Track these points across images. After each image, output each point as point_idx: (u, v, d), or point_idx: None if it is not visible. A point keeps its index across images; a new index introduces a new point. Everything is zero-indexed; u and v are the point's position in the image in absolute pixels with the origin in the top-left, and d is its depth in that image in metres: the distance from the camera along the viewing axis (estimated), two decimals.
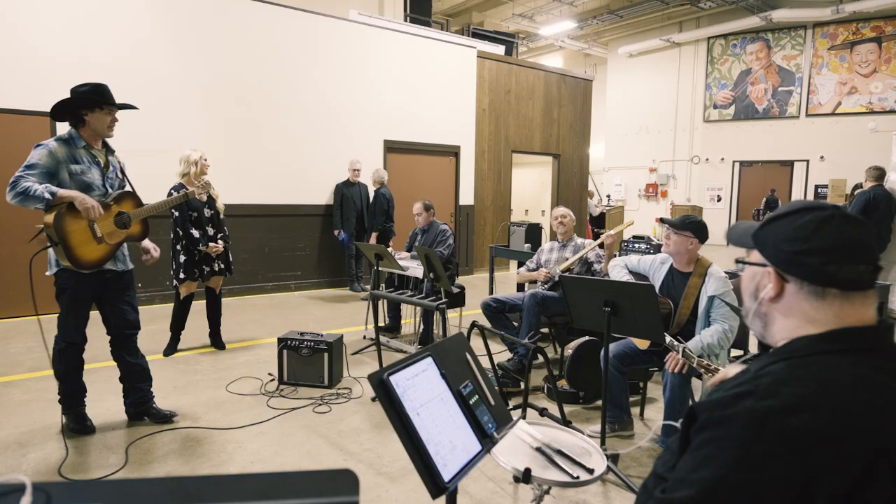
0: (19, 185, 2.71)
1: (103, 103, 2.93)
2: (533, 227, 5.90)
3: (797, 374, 0.87)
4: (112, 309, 3.14)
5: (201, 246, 4.45)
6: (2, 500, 0.68)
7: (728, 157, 15.04)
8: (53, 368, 3.07)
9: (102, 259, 2.96)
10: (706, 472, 0.83)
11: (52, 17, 5.76)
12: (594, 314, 2.81)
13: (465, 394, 1.49)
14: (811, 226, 0.94)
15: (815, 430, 0.79)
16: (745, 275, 1.06)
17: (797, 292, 0.95)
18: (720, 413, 0.86)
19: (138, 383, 3.28)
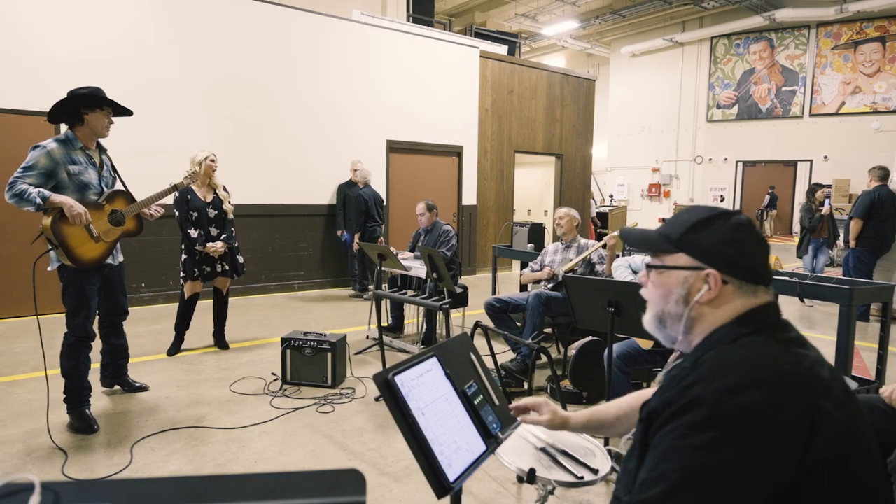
0: (15, 188, 2.84)
1: (103, 104, 3.07)
2: (536, 228, 5.90)
3: (730, 357, 0.94)
4: (107, 297, 3.35)
5: (198, 246, 4.41)
6: (11, 499, 0.68)
7: (731, 157, 15.01)
8: (61, 364, 3.14)
9: (102, 257, 3.12)
10: (670, 464, 0.86)
11: (55, 19, 5.78)
12: (598, 314, 2.81)
13: (470, 394, 1.49)
14: (742, 230, 1.02)
15: (760, 403, 0.85)
16: (664, 281, 1.07)
17: (734, 292, 1.01)
18: (672, 409, 0.90)
19: (118, 360, 3.60)
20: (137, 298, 6.38)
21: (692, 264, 1.04)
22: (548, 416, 1.43)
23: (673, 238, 1.06)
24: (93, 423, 3.16)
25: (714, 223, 1.04)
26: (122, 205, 3.22)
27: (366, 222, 7.06)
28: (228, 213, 4.52)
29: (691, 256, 1.04)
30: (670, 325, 1.07)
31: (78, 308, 3.09)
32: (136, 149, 6.13)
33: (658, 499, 0.85)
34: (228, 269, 4.59)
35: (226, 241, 4.48)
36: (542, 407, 1.45)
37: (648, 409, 0.97)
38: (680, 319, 1.05)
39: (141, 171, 5.90)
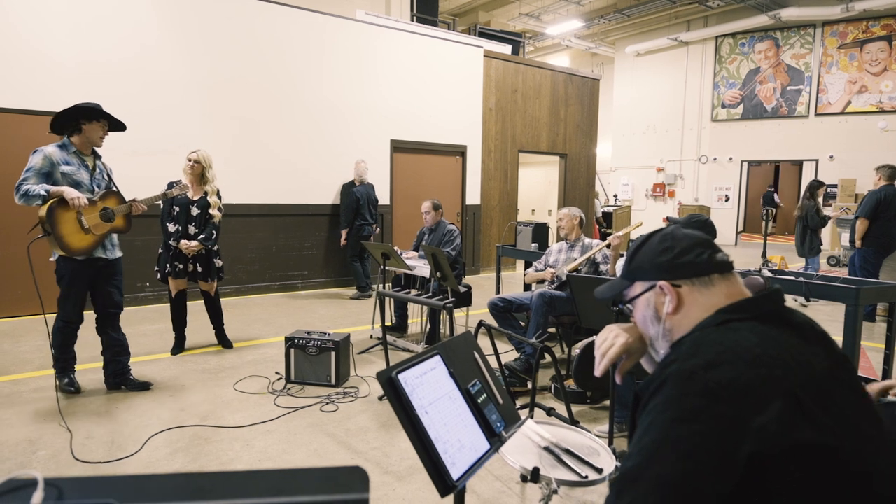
0: (21, 189, 3.27)
1: (100, 117, 3.49)
2: (540, 227, 5.89)
3: (710, 338, 0.97)
4: (101, 291, 3.65)
5: (172, 241, 4.36)
6: (14, 494, 0.68)
7: (736, 156, 14.95)
8: (52, 340, 3.56)
9: (90, 247, 3.46)
10: (648, 437, 0.90)
11: (59, 20, 5.80)
12: (602, 314, 2.80)
13: (474, 392, 1.49)
14: (668, 237, 1.12)
15: (735, 380, 0.88)
16: (638, 310, 1.16)
17: (690, 291, 1.08)
18: (654, 386, 0.95)
19: (117, 356, 3.77)
20: (142, 298, 6.40)
21: (645, 286, 1.13)
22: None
23: (624, 274, 1.19)
24: (76, 387, 3.64)
25: (645, 244, 1.16)
26: (113, 204, 3.57)
27: (355, 220, 7.06)
28: (214, 216, 4.40)
29: (642, 280, 1.14)
30: (659, 345, 1.14)
31: (67, 295, 3.49)
32: (141, 148, 6.16)
33: (636, 470, 0.88)
34: (201, 271, 4.45)
35: (201, 242, 4.34)
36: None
37: (635, 392, 1.02)
38: (660, 337, 1.12)
39: (145, 171, 5.93)
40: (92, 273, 3.54)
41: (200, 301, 4.75)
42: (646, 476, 0.87)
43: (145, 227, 6.33)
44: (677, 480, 0.85)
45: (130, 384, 3.77)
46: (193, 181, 4.41)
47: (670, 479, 0.85)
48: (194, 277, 4.50)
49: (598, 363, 1.28)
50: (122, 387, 3.77)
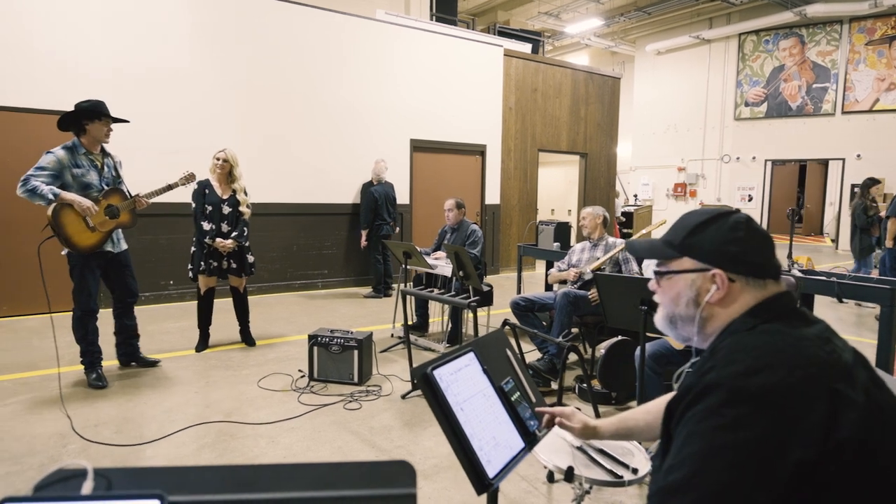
0: (29, 184, 3.36)
1: (101, 115, 3.59)
2: (562, 226, 5.84)
3: (746, 343, 0.95)
4: (117, 281, 3.87)
5: (207, 239, 4.44)
6: (65, 484, 0.68)
7: (760, 155, 14.69)
8: (74, 333, 3.74)
9: (97, 244, 3.63)
10: (691, 448, 0.87)
11: (87, 22, 5.90)
12: (629, 313, 2.76)
13: (507, 390, 1.47)
14: (742, 226, 1.05)
15: (776, 385, 0.86)
16: (674, 285, 1.11)
17: (742, 288, 1.04)
18: (691, 395, 0.92)
19: (130, 339, 4.07)
20: (165, 296, 6.48)
21: (697, 266, 1.07)
22: (578, 425, 1.43)
23: (675, 243, 1.11)
24: (104, 382, 3.75)
25: (713, 224, 1.08)
26: (117, 200, 3.70)
27: (374, 220, 7.09)
28: (244, 213, 4.51)
29: (695, 259, 1.08)
30: (681, 326, 1.11)
31: (81, 287, 3.66)
32: (167, 148, 6.23)
33: (680, 482, 0.86)
34: (236, 266, 4.56)
35: (235, 239, 4.46)
36: (572, 416, 1.44)
37: (669, 401, 0.99)
38: (692, 321, 1.09)
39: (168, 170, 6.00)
40: (102, 264, 3.74)
41: (224, 299, 4.80)
42: (692, 487, 0.85)
43: (168, 226, 6.41)
44: (726, 490, 0.83)
45: (140, 361, 4.14)
46: (222, 180, 4.50)
47: (718, 489, 0.83)
48: (226, 274, 4.57)
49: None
50: (133, 363, 4.13)
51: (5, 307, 5.70)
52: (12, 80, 5.58)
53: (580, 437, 1.46)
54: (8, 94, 5.57)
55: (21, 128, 5.67)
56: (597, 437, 1.44)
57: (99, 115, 3.57)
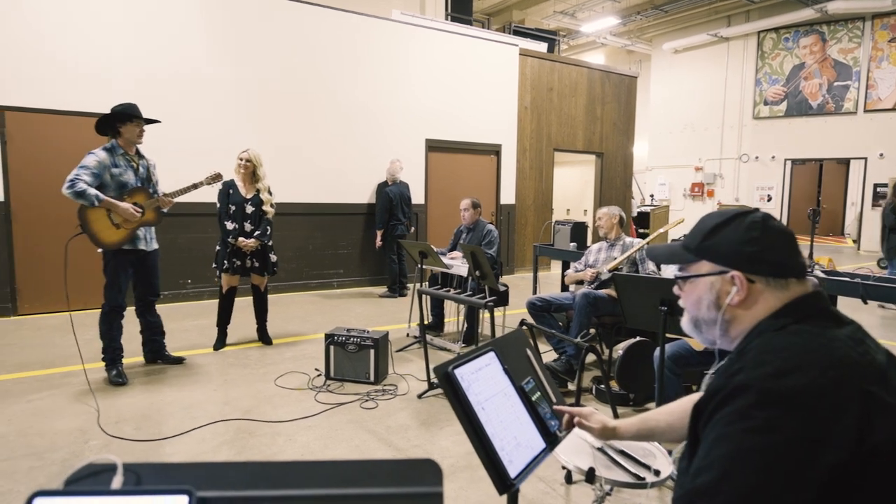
0: (77, 186, 3.50)
1: (133, 117, 3.74)
2: (578, 226, 5.80)
3: (775, 344, 0.93)
4: (143, 279, 3.97)
5: (230, 238, 4.49)
6: (95, 479, 0.68)
7: (779, 155, 14.48)
8: (99, 328, 3.83)
9: (122, 241, 3.73)
10: (720, 450, 0.85)
11: (110, 29, 5.99)
12: (649, 313, 2.73)
13: (528, 390, 1.45)
14: (758, 226, 1.03)
15: (807, 386, 0.84)
16: (695, 289, 1.10)
17: (763, 289, 1.02)
18: (718, 398, 0.90)
19: (154, 336, 4.18)
20: (183, 294, 6.55)
21: (715, 269, 1.06)
22: (597, 425, 1.40)
23: (692, 247, 1.10)
24: (124, 379, 3.83)
25: (729, 225, 1.06)
26: (142, 199, 3.81)
27: (389, 220, 7.10)
28: (267, 212, 4.57)
29: (713, 262, 1.07)
30: (706, 329, 1.10)
31: (112, 282, 3.78)
32: (186, 148, 6.30)
33: (710, 485, 0.84)
34: (258, 266, 4.62)
35: (258, 238, 4.51)
36: (590, 417, 1.42)
37: (696, 402, 0.97)
38: (715, 324, 1.07)
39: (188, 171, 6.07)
40: (133, 261, 3.86)
41: (244, 298, 4.84)
42: (721, 490, 0.83)
43: (186, 226, 6.48)
44: (754, 494, 0.82)
45: (166, 358, 4.23)
46: (246, 180, 4.56)
47: (747, 492, 0.82)
48: (248, 272, 4.62)
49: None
50: (159, 360, 4.21)
51: (27, 305, 5.80)
52: (45, 85, 5.68)
53: (599, 437, 1.44)
54: (43, 97, 5.67)
55: (47, 129, 5.77)
56: (616, 438, 1.42)
57: (130, 118, 3.73)
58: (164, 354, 4.25)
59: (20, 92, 5.62)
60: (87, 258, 5.85)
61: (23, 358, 4.39)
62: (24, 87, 5.63)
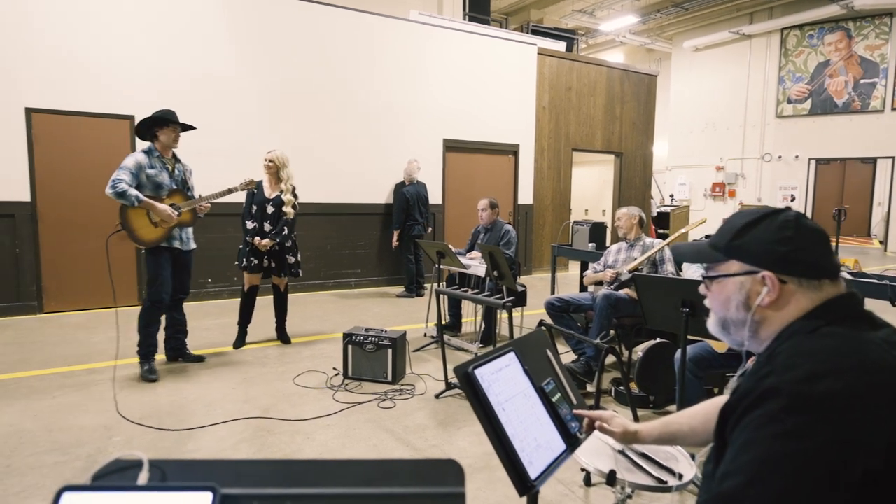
0: (118, 186, 3.69)
1: (169, 122, 3.93)
2: (597, 226, 5.74)
3: (807, 347, 0.90)
4: (176, 277, 4.07)
5: (248, 237, 4.57)
6: (122, 474, 0.69)
7: (803, 154, 14.20)
8: (137, 322, 3.96)
9: (159, 239, 3.91)
10: (748, 455, 0.83)
11: (136, 33, 6.09)
12: (670, 315, 2.69)
13: (548, 391, 1.44)
14: (791, 225, 0.99)
15: (841, 392, 0.81)
16: (724, 289, 1.07)
17: (795, 290, 0.99)
18: (748, 400, 0.88)
19: (177, 334, 4.27)
20: (204, 293, 6.63)
21: (745, 269, 1.03)
22: (618, 429, 1.38)
23: (721, 246, 1.07)
24: (156, 375, 3.93)
25: (760, 224, 1.03)
26: (179, 200, 3.98)
27: (406, 220, 7.12)
28: (287, 213, 4.58)
29: (743, 262, 1.03)
30: (734, 330, 1.07)
31: (154, 278, 3.93)
32: (210, 149, 6.38)
33: (736, 490, 0.83)
34: (275, 266, 4.65)
35: (272, 238, 4.53)
36: (611, 420, 1.40)
37: (724, 406, 0.95)
38: (744, 325, 1.04)
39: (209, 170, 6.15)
40: (169, 259, 3.99)
41: (266, 297, 4.89)
42: (748, 496, 0.81)
43: (206, 226, 6.55)
44: (783, 500, 0.80)
45: (187, 357, 4.32)
46: (271, 180, 4.62)
47: (776, 499, 0.80)
48: (268, 273, 4.66)
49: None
50: (180, 359, 4.30)
51: (53, 303, 5.93)
52: (71, 88, 5.80)
53: (621, 441, 1.42)
54: (70, 99, 5.79)
55: (72, 131, 5.89)
56: (638, 442, 1.40)
57: (167, 122, 3.92)
58: (185, 353, 4.33)
59: (47, 94, 5.74)
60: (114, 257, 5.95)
61: (48, 355, 4.48)
62: (51, 90, 5.76)
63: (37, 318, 5.73)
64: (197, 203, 4.01)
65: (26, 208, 5.73)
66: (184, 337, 4.33)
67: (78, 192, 5.94)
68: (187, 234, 4.09)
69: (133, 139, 6.11)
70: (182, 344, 4.32)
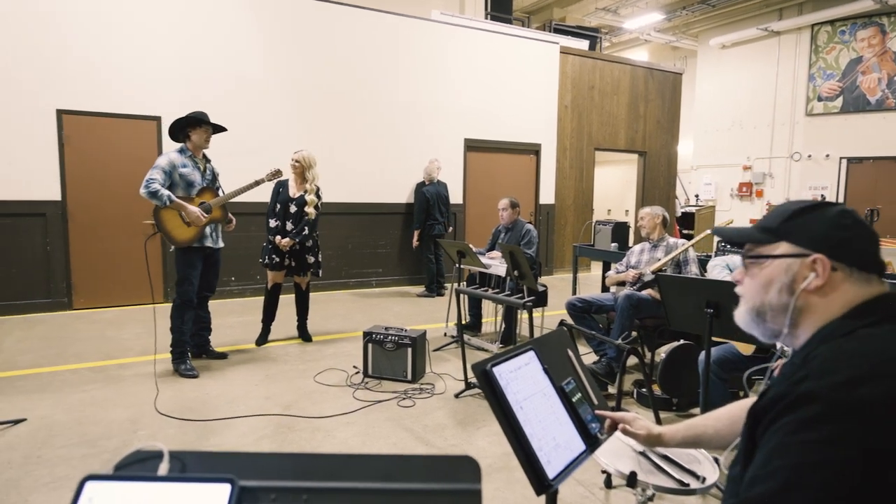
0: (151, 186, 3.79)
1: (201, 123, 4.04)
2: (620, 226, 5.68)
3: (846, 349, 0.86)
4: (204, 275, 4.15)
5: (270, 235, 4.63)
6: (142, 465, 0.70)
7: (834, 153, 13.84)
8: (170, 321, 4.03)
9: (193, 238, 3.98)
10: (778, 461, 0.80)
11: (163, 35, 6.21)
12: (694, 315, 2.65)
13: (568, 391, 1.43)
14: (850, 215, 0.97)
15: (880, 398, 0.78)
16: (766, 272, 1.01)
17: (845, 280, 0.94)
18: (782, 404, 0.84)
19: (201, 331, 4.34)
20: (227, 291, 6.73)
21: (796, 251, 0.98)
22: (642, 432, 1.36)
23: (772, 228, 1.02)
24: (193, 371, 3.99)
25: (817, 210, 1.00)
26: (209, 198, 4.07)
27: (426, 220, 7.12)
28: (308, 214, 4.62)
29: (794, 244, 0.99)
30: (771, 317, 1.01)
31: (183, 278, 4.01)
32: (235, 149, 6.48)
33: (764, 496, 0.79)
34: (295, 265, 4.70)
35: (292, 238, 4.58)
36: (634, 422, 1.38)
37: (755, 408, 0.91)
38: (784, 311, 0.98)
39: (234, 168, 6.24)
40: (203, 258, 4.09)
41: (287, 296, 4.95)
42: (777, 503, 0.78)
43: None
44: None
45: (210, 353, 4.39)
46: (297, 179, 4.68)
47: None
48: (290, 271, 4.72)
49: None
50: (203, 355, 4.36)
51: (82, 300, 6.08)
52: (101, 89, 5.95)
53: (644, 444, 1.39)
54: (99, 100, 5.94)
55: (102, 132, 6.03)
56: (661, 445, 1.37)
57: (199, 123, 4.03)
58: (209, 349, 4.40)
59: (78, 96, 5.89)
60: (141, 255, 6.08)
61: (79, 350, 4.60)
62: (81, 92, 5.90)
63: (67, 314, 5.88)
64: (226, 199, 4.10)
65: (57, 207, 5.89)
66: (208, 334, 4.40)
67: (106, 191, 6.09)
68: (217, 232, 4.18)
69: (160, 139, 6.23)
70: (206, 341, 4.39)
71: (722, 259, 3.62)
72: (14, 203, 5.71)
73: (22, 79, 5.66)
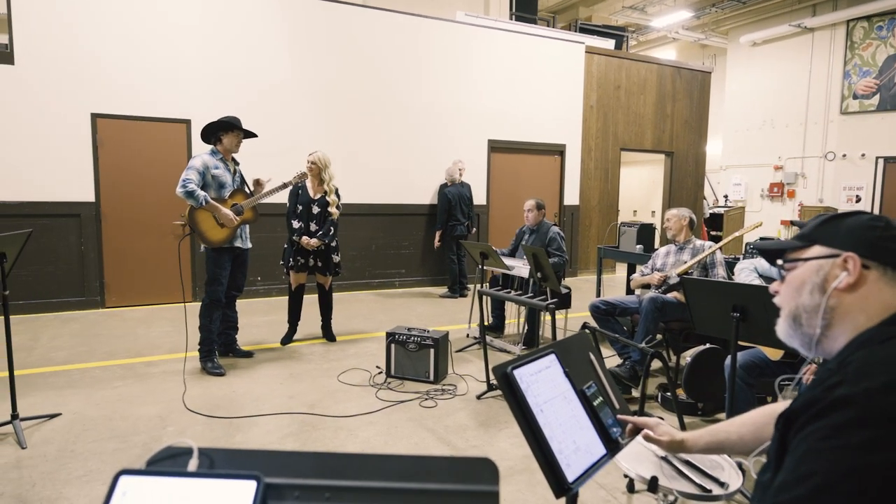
0: (188, 186, 3.90)
1: (234, 128, 4.15)
2: (645, 228, 5.61)
3: (882, 356, 0.85)
4: (232, 274, 4.25)
5: (295, 237, 4.68)
6: (173, 461, 0.73)
7: (870, 152, 13.43)
8: (200, 321, 4.13)
9: (226, 238, 4.10)
10: (810, 467, 0.79)
11: (192, 40, 6.36)
12: (720, 319, 2.60)
13: (589, 394, 1.42)
14: (882, 219, 0.97)
15: None
16: (800, 272, 1.02)
17: (879, 279, 0.93)
18: (815, 409, 0.83)
19: (228, 330, 4.44)
20: (253, 291, 6.85)
21: (827, 252, 0.99)
22: (665, 437, 1.35)
23: (805, 233, 1.04)
24: (220, 369, 4.09)
25: (850, 216, 1.01)
26: (240, 199, 4.19)
27: (448, 221, 7.14)
28: (332, 214, 4.69)
29: (826, 245, 1.00)
30: (806, 320, 1.00)
31: (213, 278, 4.11)
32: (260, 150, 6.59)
33: (797, 501, 0.78)
34: (321, 265, 4.76)
35: (320, 238, 4.65)
36: (657, 427, 1.36)
37: (787, 412, 0.89)
38: (817, 311, 0.97)
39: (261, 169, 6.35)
40: (232, 259, 4.19)
41: (311, 296, 5.02)
42: None
43: (257, 226, 6.76)
44: None
45: (236, 352, 4.48)
46: (314, 181, 4.73)
47: None
48: (314, 271, 4.78)
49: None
50: (230, 354, 4.46)
51: (114, 298, 6.25)
52: (133, 93, 6.12)
53: (666, 450, 1.38)
54: (132, 104, 6.11)
55: (134, 135, 6.20)
56: (684, 451, 1.36)
57: (232, 128, 4.14)
58: (235, 348, 4.49)
59: (111, 100, 6.06)
60: (169, 254, 6.24)
61: (110, 347, 4.73)
62: (115, 96, 6.07)
63: (99, 312, 6.06)
64: (256, 200, 4.21)
65: (91, 208, 6.07)
66: (234, 333, 4.49)
67: (137, 192, 6.25)
68: (245, 232, 4.27)
69: (189, 142, 6.38)
70: (233, 339, 4.49)
71: (750, 262, 3.55)
72: (50, 204, 5.90)
73: (59, 84, 5.85)
